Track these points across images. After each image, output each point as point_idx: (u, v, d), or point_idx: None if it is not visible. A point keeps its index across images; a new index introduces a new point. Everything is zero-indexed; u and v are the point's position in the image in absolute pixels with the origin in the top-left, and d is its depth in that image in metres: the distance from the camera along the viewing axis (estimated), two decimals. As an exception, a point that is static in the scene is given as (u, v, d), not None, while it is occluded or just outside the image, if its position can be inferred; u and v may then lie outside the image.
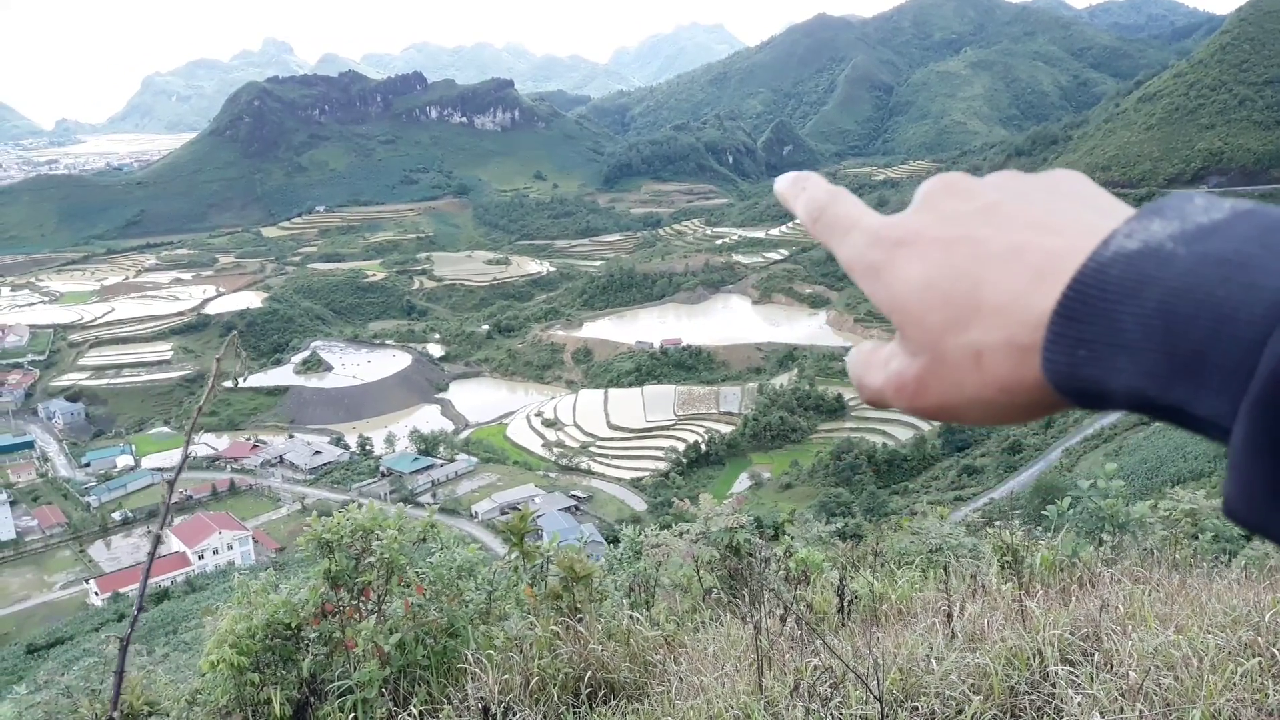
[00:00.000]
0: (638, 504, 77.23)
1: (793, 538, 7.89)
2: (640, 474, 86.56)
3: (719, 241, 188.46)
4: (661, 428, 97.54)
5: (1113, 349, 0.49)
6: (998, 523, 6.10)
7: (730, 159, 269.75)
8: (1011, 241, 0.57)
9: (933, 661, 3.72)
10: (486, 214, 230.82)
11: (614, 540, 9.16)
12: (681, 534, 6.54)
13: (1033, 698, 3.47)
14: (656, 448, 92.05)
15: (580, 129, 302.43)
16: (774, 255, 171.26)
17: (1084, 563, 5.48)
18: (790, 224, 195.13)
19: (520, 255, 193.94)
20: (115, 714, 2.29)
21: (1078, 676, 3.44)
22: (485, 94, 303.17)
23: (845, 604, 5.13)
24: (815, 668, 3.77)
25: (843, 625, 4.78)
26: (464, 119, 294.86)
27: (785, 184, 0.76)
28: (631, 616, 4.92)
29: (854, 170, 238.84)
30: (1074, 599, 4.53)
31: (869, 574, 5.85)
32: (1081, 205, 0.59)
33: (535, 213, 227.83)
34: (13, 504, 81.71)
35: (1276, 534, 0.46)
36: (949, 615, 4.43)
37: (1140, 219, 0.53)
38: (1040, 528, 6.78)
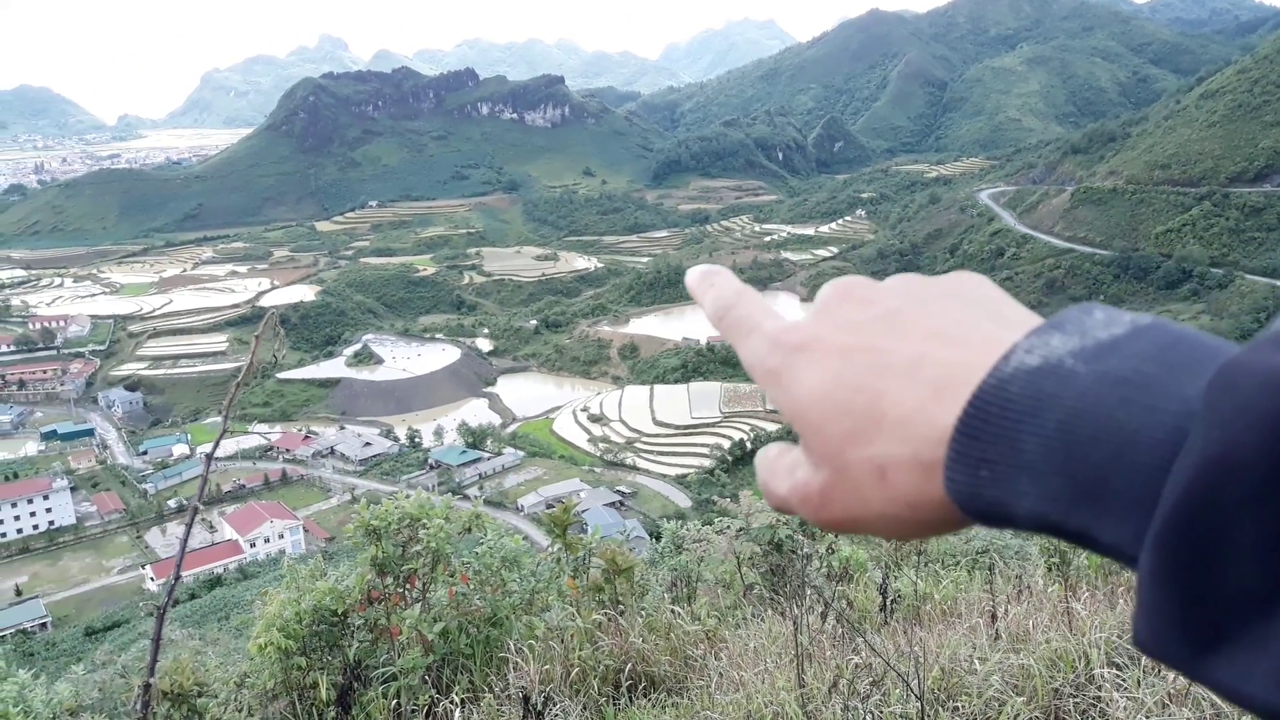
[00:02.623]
0: (682, 500, 77.15)
1: (835, 535, 7.85)
2: (685, 470, 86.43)
3: (767, 239, 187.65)
4: (707, 425, 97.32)
5: (1014, 470, 0.47)
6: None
7: (780, 155, 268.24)
8: (912, 353, 0.55)
9: (975, 662, 3.70)
10: (535, 210, 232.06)
11: (657, 535, 9.19)
12: (723, 530, 6.54)
13: (1077, 700, 3.42)
14: (702, 445, 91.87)
15: (629, 125, 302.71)
16: (823, 253, 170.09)
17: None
18: (841, 221, 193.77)
19: (568, 251, 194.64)
20: (152, 680, 2.35)
21: (1124, 680, 3.39)
22: (536, 90, 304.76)
23: (888, 602, 5.10)
24: (855, 665, 3.76)
25: (885, 624, 4.76)
26: (514, 115, 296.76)
27: (696, 278, 0.73)
28: (672, 610, 4.94)
29: (906, 167, 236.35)
30: (1121, 602, 4.47)
31: (912, 573, 5.81)
32: (982, 314, 0.57)
33: (584, 209, 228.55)
34: (73, 490, 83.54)
35: (1183, 667, 0.43)
36: (993, 616, 4.39)
37: (1041, 333, 0.50)
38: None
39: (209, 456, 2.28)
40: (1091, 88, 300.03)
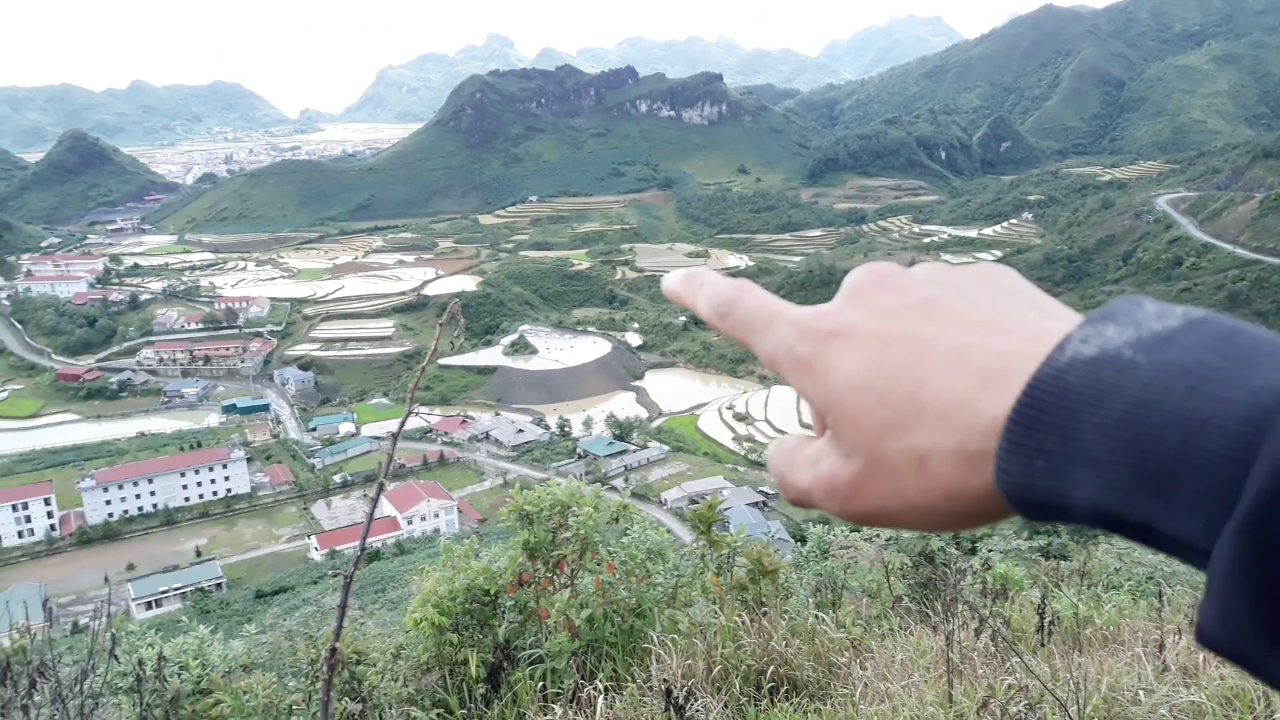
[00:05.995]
0: (827, 504, 75.87)
1: (991, 551, 7.57)
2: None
3: (927, 240, 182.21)
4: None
5: (1074, 460, 0.46)
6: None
7: (943, 155, 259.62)
8: (956, 341, 0.54)
9: (1140, 693, 3.50)
10: (689, 207, 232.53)
11: (801, 539, 9.08)
12: (871, 538, 6.42)
13: (1255, 743, 3.20)
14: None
15: (787, 123, 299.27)
16: (986, 256, 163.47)
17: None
18: (1006, 224, 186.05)
19: (720, 249, 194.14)
20: (338, 644, 2.50)
21: (1310, 726, 3.14)
22: (694, 88, 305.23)
23: (1045, 623, 4.88)
24: (1009, 686, 3.62)
25: (1041, 645, 4.56)
26: (672, 112, 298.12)
27: (677, 281, 0.72)
28: (817, 616, 4.88)
29: (1077, 169, 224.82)
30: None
31: (1073, 594, 5.54)
32: (1022, 305, 0.56)
33: (737, 206, 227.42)
34: (249, 461, 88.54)
35: (1256, 665, 0.42)
36: (1160, 646, 4.15)
37: (1093, 324, 0.49)
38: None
39: (394, 437, 2.39)
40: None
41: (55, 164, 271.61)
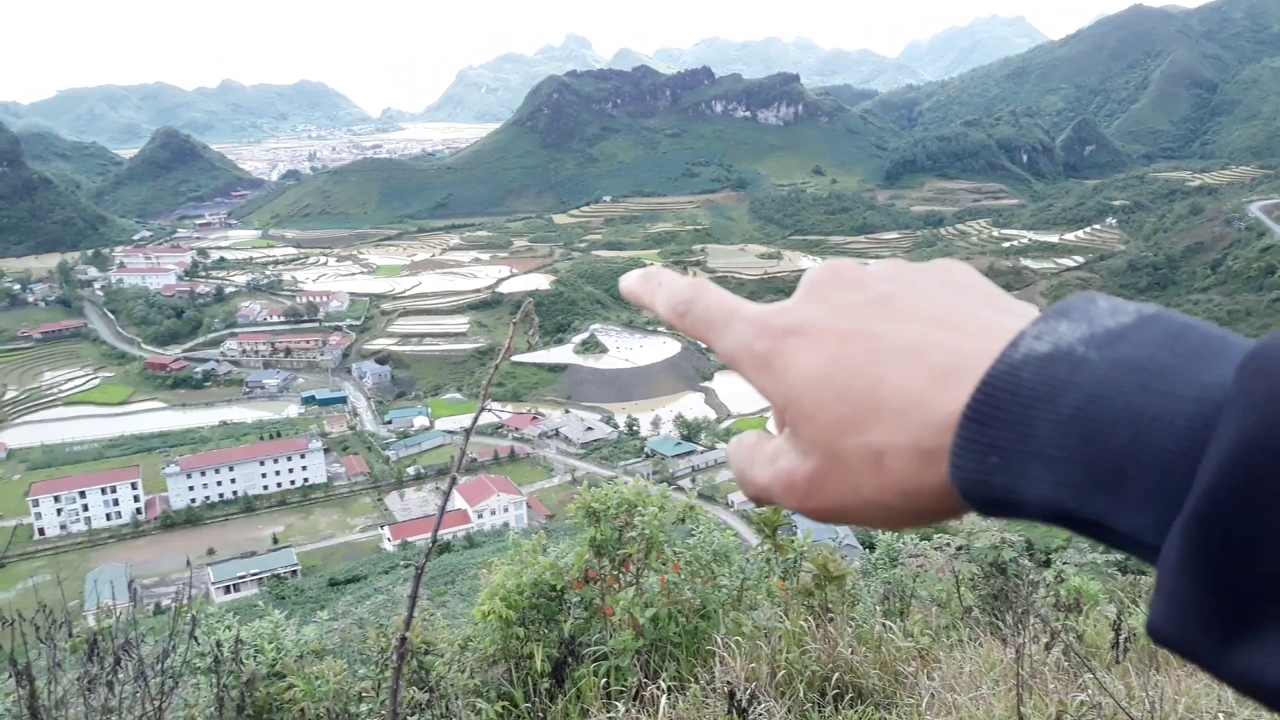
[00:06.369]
0: (898, 512, 74.86)
1: (1065, 564, 7.38)
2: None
3: (1006, 244, 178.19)
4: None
5: (1026, 457, 0.46)
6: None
7: (1024, 158, 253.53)
8: (911, 338, 0.54)
9: (1220, 716, 3.39)
10: (762, 208, 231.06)
11: (870, 546, 8.98)
12: (941, 547, 6.31)
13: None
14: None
15: (864, 124, 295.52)
16: (1067, 261, 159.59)
17: None
18: (1089, 229, 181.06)
19: (793, 250, 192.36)
20: (408, 634, 2.55)
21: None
22: (770, 88, 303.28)
23: (1120, 640, 4.75)
24: (1081, 703, 3.54)
25: (1116, 662, 4.44)
26: (747, 113, 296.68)
27: (635, 281, 0.73)
28: (884, 624, 4.82)
29: (1165, 174, 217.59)
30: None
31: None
32: (978, 301, 0.56)
33: (811, 208, 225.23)
34: (326, 451, 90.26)
35: (1205, 661, 0.42)
36: (1244, 668, 3.99)
37: (1047, 320, 0.49)
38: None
39: (467, 433, 2.44)
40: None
41: (148, 160, 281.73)
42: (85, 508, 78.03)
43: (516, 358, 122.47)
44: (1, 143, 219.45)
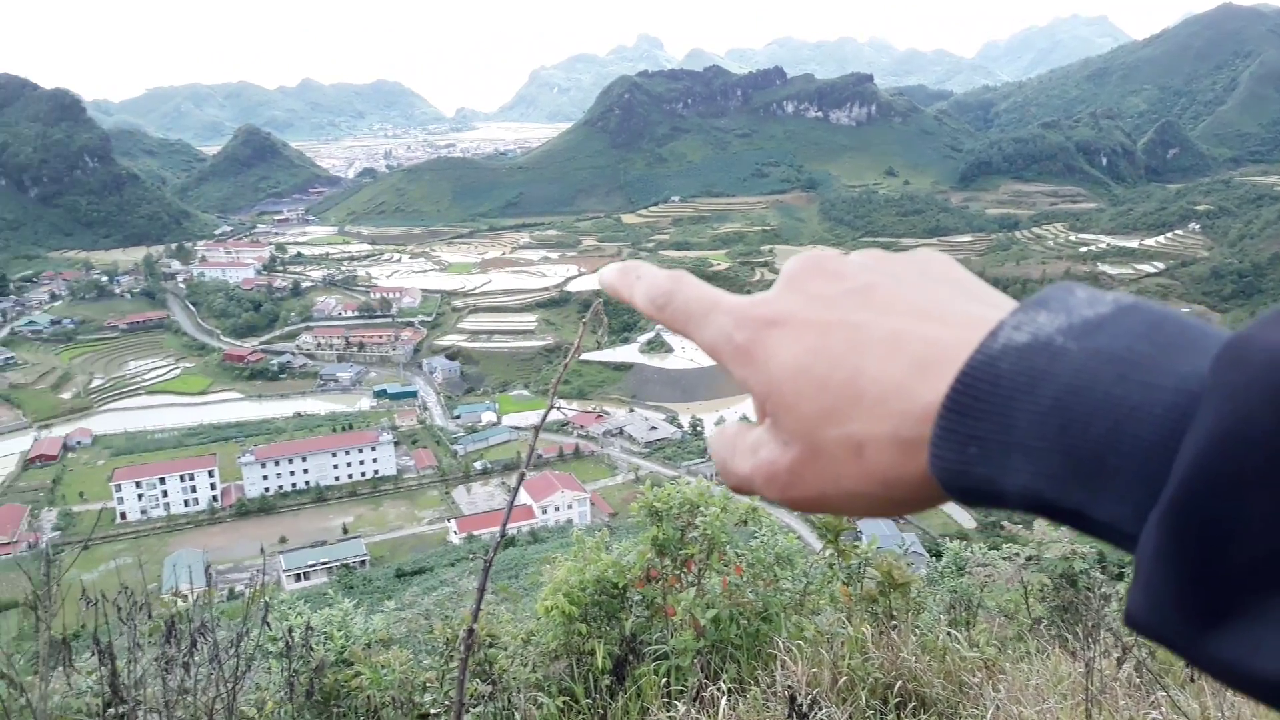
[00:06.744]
0: (966, 520, 73.43)
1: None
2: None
3: (1083, 249, 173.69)
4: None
5: (1006, 447, 0.46)
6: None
7: (1104, 160, 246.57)
8: (891, 328, 0.54)
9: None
10: (832, 209, 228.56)
11: (936, 554, 8.84)
12: (1010, 557, 6.20)
13: None
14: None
15: (938, 125, 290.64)
16: (1147, 268, 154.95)
17: None
18: (1171, 234, 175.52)
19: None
20: (475, 625, 2.60)
21: None
22: (843, 89, 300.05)
23: (1197, 659, 4.61)
24: (1153, 721, 3.45)
25: (1191, 681, 4.32)
26: (819, 113, 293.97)
27: (613, 274, 0.72)
28: (949, 633, 4.76)
29: (1252, 178, 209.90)
30: None
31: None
32: (956, 292, 0.57)
33: (882, 209, 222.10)
34: (396, 444, 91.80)
35: (1181, 648, 0.42)
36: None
37: (1026, 310, 0.49)
38: None
39: (535, 430, 2.48)
40: None
41: (230, 157, 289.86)
42: (165, 494, 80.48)
43: (583, 356, 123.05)
44: (93, 140, 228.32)
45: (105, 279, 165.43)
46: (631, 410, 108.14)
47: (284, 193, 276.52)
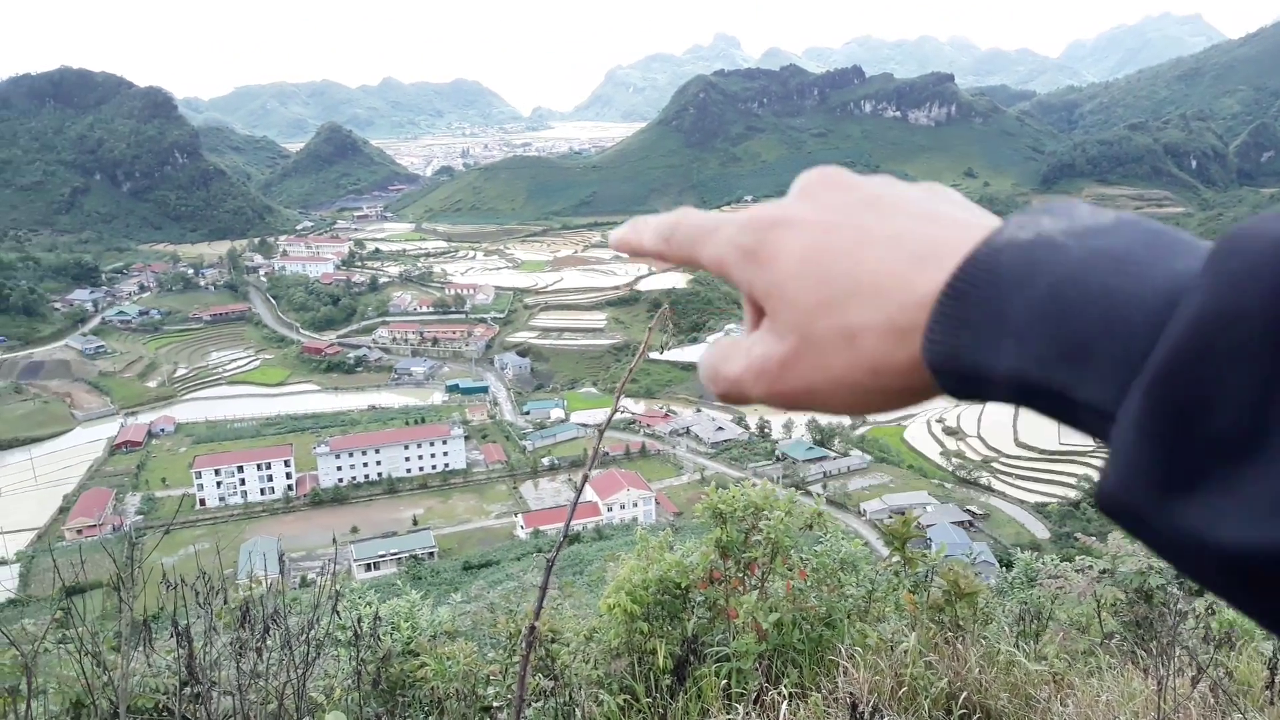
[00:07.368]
0: (1039, 530, 71.85)
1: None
2: (1046, 499, 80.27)
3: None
4: (1077, 452, 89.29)
5: (999, 334, 0.48)
6: None
7: (1193, 164, 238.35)
8: (895, 227, 0.56)
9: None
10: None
11: (1007, 564, 8.67)
12: (1083, 569, 6.05)
13: None
14: (1069, 474, 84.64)
15: (1020, 125, 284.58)
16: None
17: None
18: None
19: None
20: (536, 623, 2.65)
21: None
22: (922, 88, 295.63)
23: (1277, 680, 4.46)
24: (1228, 744, 3.35)
25: (1270, 704, 4.18)
26: (897, 113, 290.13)
27: (624, 229, 0.73)
28: (1017, 645, 4.67)
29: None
30: None
31: (1315, 655, 5.01)
32: (960, 208, 0.59)
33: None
34: (466, 438, 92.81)
35: (1148, 520, 0.43)
36: None
37: (1031, 214, 0.52)
38: None
39: (601, 431, 2.52)
40: None
41: (313, 154, 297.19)
42: (242, 482, 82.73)
43: (651, 355, 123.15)
44: (183, 136, 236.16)
45: (191, 271, 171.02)
46: (699, 410, 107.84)
47: (364, 189, 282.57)
